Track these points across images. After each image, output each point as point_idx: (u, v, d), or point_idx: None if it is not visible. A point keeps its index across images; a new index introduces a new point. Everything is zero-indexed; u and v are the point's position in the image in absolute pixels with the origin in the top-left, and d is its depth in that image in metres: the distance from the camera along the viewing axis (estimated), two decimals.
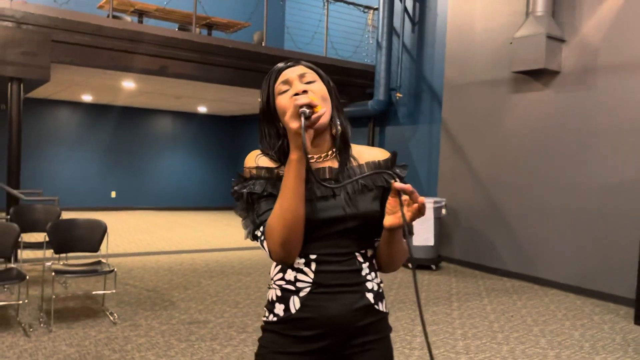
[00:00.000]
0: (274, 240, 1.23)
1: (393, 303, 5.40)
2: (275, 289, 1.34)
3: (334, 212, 1.29)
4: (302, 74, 1.37)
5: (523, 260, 6.77)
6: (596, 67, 6.05)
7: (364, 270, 1.35)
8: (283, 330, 1.31)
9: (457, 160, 7.75)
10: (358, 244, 1.34)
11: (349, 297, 1.30)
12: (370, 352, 1.34)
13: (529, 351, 4.16)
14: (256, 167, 1.33)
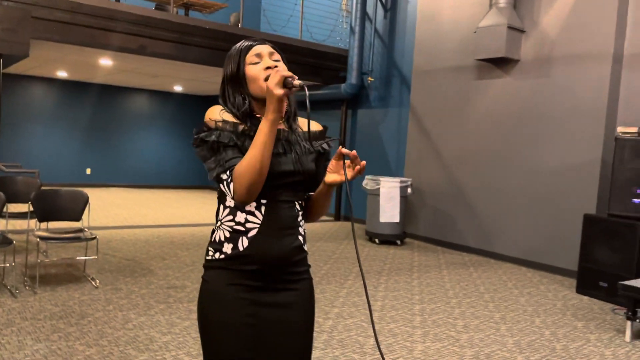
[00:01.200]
0: (242, 184, 1.45)
1: (359, 273, 5.80)
2: (223, 230, 1.58)
3: (287, 166, 1.57)
4: (271, 52, 1.65)
5: (482, 236, 7.25)
6: (552, 57, 6.49)
7: (299, 217, 1.63)
8: (230, 265, 1.55)
9: (423, 143, 8.16)
10: (297, 195, 1.62)
11: (288, 238, 1.58)
12: (302, 281, 1.64)
13: (478, 313, 4.61)
14: (222, 120, 1.56)
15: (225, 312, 1.54)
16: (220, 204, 1.63)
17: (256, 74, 1.58)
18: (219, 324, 1.55)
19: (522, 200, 6.76)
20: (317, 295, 4.81)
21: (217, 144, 1.52)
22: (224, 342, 1.55)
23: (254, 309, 1.55)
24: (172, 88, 12.92)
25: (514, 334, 4.13)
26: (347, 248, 7.24)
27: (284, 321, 1.58)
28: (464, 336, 4.02)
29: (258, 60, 1.60)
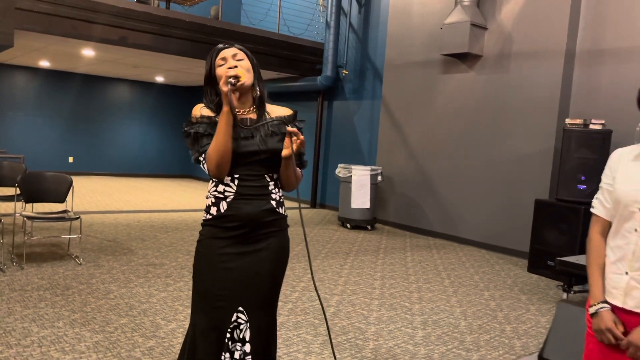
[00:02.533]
0: (212, 163, 1.91)
1: (329, 254, 6.21)
2: (210, 197, 2.02)
3: (252, 147, 1.97)
4: (235, 54, 2.04)
5: (446, 221, 7.71)
6: (511, 53, 6.93)
7: (270, 186, 2.04)
8: (216, 223, 1.99)
9: (394, 134, 8.57)
10: (266, 169, 2.03)
11: (258, 202, 2.00)
12: (272, 238, 2.05)
13: (432, 288, 5.05)
14: (200, 115, 2.01)
15: (209, 259, 1.99)
16: (210, 179, 2.05)
17: (220, 73, 1.97)
18: (204, 267, 2.00)
19: (482, 187, 7.21)
20: (287, 272, 5.20)
21: (196, 135, 1.98)
22: (204, 281, 1.99)
23: (231, 258, 1.98)
24: (154, 78, 13.15)
25: (462, 305, 4.57)
26: (320, 232, 7.64)
27: (254, 268, 2.00)
28: (416, 306, 4.44)
29: (223, 63, 2.00)
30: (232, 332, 1.98)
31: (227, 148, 1.89)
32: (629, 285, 1.70)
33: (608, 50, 6.24)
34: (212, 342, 1.96)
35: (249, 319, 1.98)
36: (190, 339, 2.02)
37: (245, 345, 1.98)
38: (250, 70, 2.03)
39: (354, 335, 3.69)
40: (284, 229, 2.10)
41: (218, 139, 1.89)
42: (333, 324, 3.88)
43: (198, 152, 1.98)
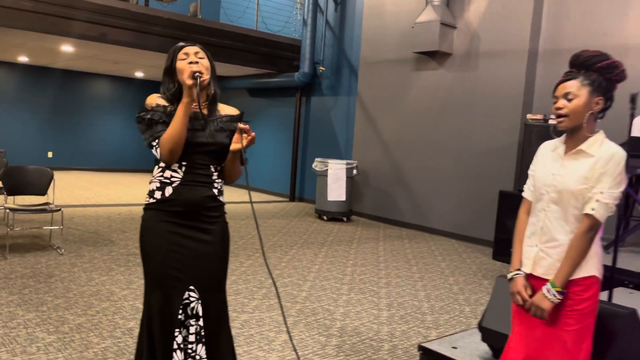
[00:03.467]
0: (165, 149, 2.07)
1: (304, 244, 6.47)
2: (155, 182, 2.18)
3: (202, 139, 2.16)
4: (197, 52, 2.23)
5: (418, 213, 8.02)
6: (478, 51, 7.24)
7: (213, 176, 2.22)
8: (160, 207, 2.15)
9: (369, 129, 8.85)
10: (212, 160, 2.21)
11: (201, 189, 2.17)
12: (215, 223, 2.22)
13: (400, 274, 5.34)
14: (156, 104, 2.17)
15: (157, 241, 2.14)
16: (156, 164, 2.22)
17: (182, 67, 2.15)
18: (153, 249, 2.15)
19: (451, 180, 7.53)
20: (262, 260, 5.45)
21: (150, 121, 2.13)
22: (155, 262, 2.14)
23: (178, 240, 2.13)
24: (133, 74, 13.24)
25: (427, 289, 4.86)
26: (297, 224, 7.89)
27: (200, 251, 2.16)
28: (383, 290, 4.73)
29: (185, 57, 2.18)
30: (184, 309, 2.14)
31: (182, 136, 2.06)
32: (538, 256, 1.99)
33: (568, 50, 6.56)
34: (166, 320, 2.13)
35: (200, 296, 2.15)
36: (146, 319, 2.19)
37: (199, 320, 2.15)
38: (209, 69, 2.20)
39: (323, 316, 3.95)
40: (223, 215, 2.29)
41: (175, 126, 2.04)
42: (304, 306, 4.13)
43: (152, 137, 2.12)
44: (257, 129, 11.43)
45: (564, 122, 1.96)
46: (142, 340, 2.21)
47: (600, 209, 1.88)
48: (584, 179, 1.90)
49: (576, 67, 1.97)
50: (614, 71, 1.94)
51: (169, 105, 2.16)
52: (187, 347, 2.15)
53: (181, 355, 2.14)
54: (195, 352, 2.15)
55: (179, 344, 2.14)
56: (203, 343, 2.17)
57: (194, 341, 2.15)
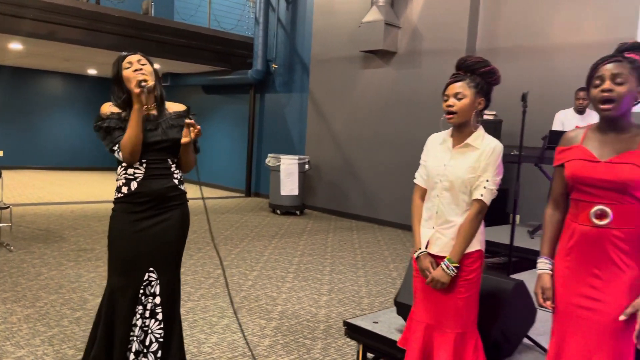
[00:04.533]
0: (126, 151, 2.34)
1: (256, 237, 6.69)
2: (121, 179, 2.44)
3: (156, 137, 2.42)
4: (139, 59, 2.46)
5: (367, 205, 8.34)
6: (421, 50, 7.60)
7: (172, 168, 2.48)
8: (128, 200, 2.42)
9: (321, 124, 9.12)
10: (168, 155, 2.47)
11: (162, 180, 2.44)
12: (175, 210, 2.49)
13: (344, 262, 5.63)
14: (110, 112, 2.43)
15: (123, 229, 2.41)
16: (119, 164, 2.47)
17: (128, 75, 2.37)
18: (119, 236, 2.41)
19: (397, 172, 7.88)
20: (213, 252, 5.65)
21: (108, 128, 2.38)
22: (120, 247, 2.41)
23: (141, 226, 2.39)
24: (86, 71, 13.12)
25: (367, 275, 5.17)
26: (251, 218, 8.10)
27: (160, 234, 2.43)
28: (326, 277, 5.00)
29: (129, 66, 2.40)
30: (144, 289, 2.41)
31: (139, 138, 2.33)
32: (434, 237, 2.28)
33: (504, 48, 7.00)
34: (129, 297, 2.39)
35: (159, 276, 2.43)
36: (107, 299, 2.43)
37: (155, 298, 2.42)
38: (152, 73, 2.44)
39: (266, 301, 4.19)
40: (184, 202, 2.55)
41: (131, 131, 2.31)
42: (248, 294, 4.36)
43: (112, 143, 2.39)
44: (212, 126, 11.60)
45: (454, 118, 2.26)
46: (99, 321, 2.43)
47: (487, 195, 2.19)
48: (471, 169, 2.20)
49: (462, 70, 2.27)
50: (493, 76, 2.25)
51: (122, 112, 2.40)
52: (142, 323, 2.41)
53: (137, 330, 2.39)
54: (149, 327, 2.41)
55: (136, 319, 2.39)
56: (156, 319, 2.42)
57: (148, 317, 2.41)
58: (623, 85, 1.77)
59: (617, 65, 1.79)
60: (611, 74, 1.78)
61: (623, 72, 1.78)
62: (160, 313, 2.43)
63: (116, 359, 2.38)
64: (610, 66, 1.80)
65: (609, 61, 1.82)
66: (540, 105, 6.34)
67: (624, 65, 1.79)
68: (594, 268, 1.83)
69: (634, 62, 1.82)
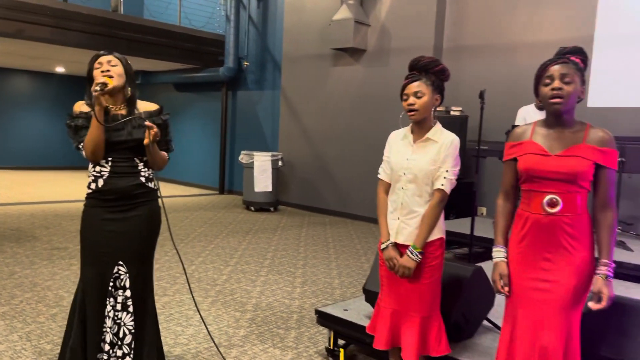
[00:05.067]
0: (88, 150, 2.41)
1: (230, 233, 6.77)
2: (91, 176, 2.51)
3: (121, 137, 2.48)
4: (109, 60, 2.53)
5: (339, 200, 8.50)
6: (390, 48, 7.77)
7: (139, 166, 2.54)
8: (96, 196, 2.49)
9: (293, 121, 9.23)
10: (134, 154, 2.52)
11: (129, 178, 2.50)
12: (143, 206, 2.55)
13: (318, 255, 5.76)
14: (79, 111, 2.50)
15: (92, 224, 2.48)
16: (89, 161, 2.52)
17: (95, 75, 2.44)
18: (88, 230, 2.49)
19: (368, 167, 8.03)
20: (187, 249, 5.72)
21: (75, 127, 2.46)
22: (90, 242, 2.48)
23: (109, 221, 2.47)
24: (54, 69, 12.93)
25: (340, 267, 5.31)
26: (225, 215, 8.17)
27: (127, 230, 2.50)
28: (299, 270, 5.13)
29: (99, 67, 2.47)
30: (114, 282, 2.48)
31: (99, 139, 2.39)
32: (400, 227, 2.43)
33: (469, 46, 7.22)
34: (98, 290, 2.46)
35: (128, 270, 2.50)
36: (81, 292, 2.50)
37: (126, 291, 2.49)
38: (123, 75, 2.50)
39: (240, 295, 4.30)
40: (154, 200, 2.61)
41: (91, 132, 2.38)
42: (223, 287, 4.46)
43: (77, 142, 2.47)
44: (184, 124, 11.60)
45: (416, 115, 2.41)
46: (74, 314, 2.50)
47: (447, 184, 2.35)
48: (432, 161, 2.36)
49: (417, 70, 2.43)
50: (444, 74, 2.42)
51: (90, 111, 2.44)
52: (114, 315, 2.48)
53: (109, 322, 2.47)
54: (120, 319, 2.49)
55: (108, 311, 2.47)
56: (128, 311, 2.50)
57: (120, 309, 2.49)
58: (570, 84, 1.95)
59: (564, 66, 1.97)
60: (560, 74, 1.96)
61: (569, 72, 1.96)
62: (132, 306, 2.50)
63: (91, 351, 2.46)
64: (558, 67, 1.98)
65: (557, 62, 2.00)
66: (505, 101, 6.58)
67: (569, 66, 1.98)
68: (545, 252, 2.00)
69: (577, 64, 2.00)
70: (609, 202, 1.97)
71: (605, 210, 1.96)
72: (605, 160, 1.93)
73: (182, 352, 3.16)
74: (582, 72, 2.02)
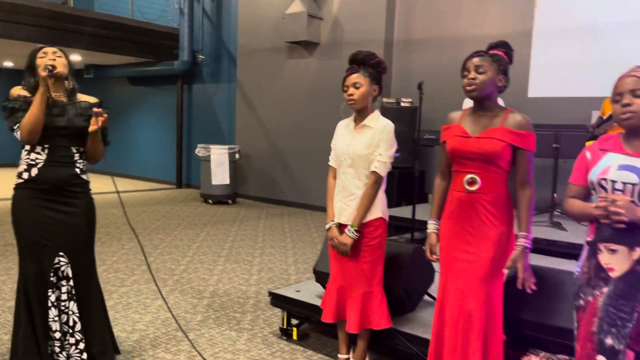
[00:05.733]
0: (24, 130, 2.40)
1: (188, 226, 6.83)
2: (23, 164, 2.51)
3: (61, 123, 2.52)
4: (55, 51, 2.59)
5: (297, 191, 8.66)
6: (342, 41, 7.96)
7: (75, 157, 2.59)
8: (30, 186, 2.49)
9: (250, 114, 9.31)
10: (72, 142, 2.57)
11: (65, 168, 2.54)
12: (80, 198, 2.61)
13: (275, 245, 5.91)
14: (18, 95, 2.52)
15: (27, 215, 2.49)
16: (22, 149, 2.55)
17: (40, 62, 2.50)
18: (24, 222, 2.50)
19: (323, 158, 8.21)
20: (145, 242, 5.76)
21: (12, 109, 2.49)
22: (27, 234, 2.49)
23: (46, 212, 2.50)
24: (2, 63, 12.56)
25: (296, 255, 5.48)
26: (182, 208, 8.20)
27: (66, 222, 2.54)
28: (257, 259, 5.27)
29: (44, 56, 2.53)
30: (56, 272, 2.53)
31: (39, 119, 2.40)
32: (341, 208, 2.61)
33: (419, 39, 7.48)
34: (40, 282, 2.50)
35: (70, 260, 2.55)
36: (22, 285, 2.54)
37: (70, 281, 2.56)
38: (67, 66, 2.58)
39: (198, 283, 4.41)
40: (88, 191, 2.67)
41: (32, 111, 2.39)
42: (181, 277, 4.56)
43: (13, 122, 2.46)
44: (140, 118, 11.50)
45: (354, 104, 2.60)
46: (20, 306, 2.55)
47: (381, 167, 2.54)
48: (367, 146, 2.55)
49: (356, 63, 2.62)
50: (381, 66, 2.62)
51: (30, 96, 2.50)
52: (60, 305, 2.54)
53: (55, 311, 2.53)
54: (68, 308, 2.55)
55: (52, 302, 2.52)
56: (74, 300, 2.57)
57: (66, 299, 2.55)
58: (484, 74, 2.17)
59: (480, 59, 2.19)
60: (475, 66, 2.18)
61: (484, 64, 2.17)
62: (77, 295, 2.57)
63: (41, 340, 2.52)
64: (475, 60, 2.20)
65: (474, 56, 2.21)
66: (452, 92, 6.85)
67: (485, 58, 2.19)
68: (468, 227, 2.22)
69: (494, 56, 2.22)
70: (527, 180, 2.19)
71: (524, 188, 2.19)
72: (521, 142, 2.16)
73: (140, 337, 3.27)
74: (501, 63, 2.23)
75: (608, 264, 1.88)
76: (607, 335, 1.88)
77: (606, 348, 1.87)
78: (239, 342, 3.24)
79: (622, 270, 1.85)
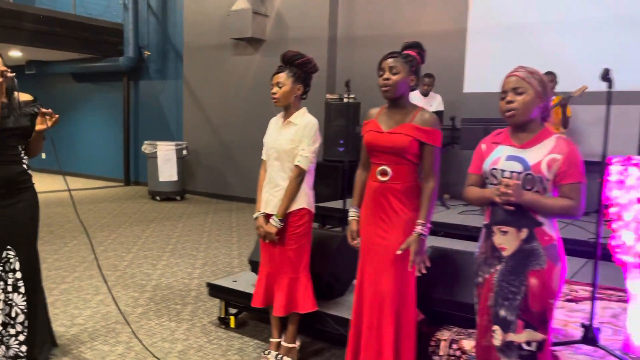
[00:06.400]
0: None
1: (134, 222, 6.83)
2: None
3: (9, 124, 2.61)
4: None
5: (245, 186, 8.75)
6: (288, 38, 8.09)
7: (21, 154, 2.69)
8: None
9: (197, 110, 9.32)
10: (18, 141, 2.66)
11: (14, 166, 2.64)
12: (26, 193, 2.70)
13: (221, 239, 6.01)
14: None
15: None
16: None
17: None
18: None
19: None
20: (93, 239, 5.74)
21: None
22: None
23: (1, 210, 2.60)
24: None
25: (241, 248, 5.60)
26: (129, 205, 8.16)
27: (14, 216, 2.65)
28: (201, 254, 5.36)
29: None
30: (4, 266, 2.63)
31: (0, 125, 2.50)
32: (268, 199, 2.77)
33: (362, 37, 7.70)
34: None
35: (17, 254, 2.65)
36: None
37: (16, 273, 2.65)
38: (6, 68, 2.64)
39: (140, 278, 4.47)
40: (32, 186, 2.77)
41: None
42: (124, 272, 4.61)
43: None
44: (85, 115, 11.30)
45: (277, 102, 2.76)
46: None
47: (304, 161, 2.71)
48: (291, 141, 2.71)
49: (284, 62, 2.77)
50: (308, 65, 2.77)
51: None
52: (5, 297, 2.63)
53: (0, 304, 2.60)
54: (12, 300, 2.65)
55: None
56: (19, 292, 2.66)
57: (11, 291, 2.65)
58: (397, 74, 2.35)
59: (393, 60, 2.37)
60: (389, 67, 2.36)
61: (397, 65, 2.35)
62: (23, 287, 2.66)
63: None
64: (389, 61, 2.38)
65: (389, 57, 2.39)
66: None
67: (398, 59, 2.37)
68: (382, 214, 2.40)
69: (407, 57, 2.41)
70: (431, 173, 2.38)
71: (428, 180, 2.39)
72: (427, 138, 2.36)
73: (79, 331, 3.33)
74: (413, 64, 2.43)
75: (501, 244, 2.10)
76: (501, 308, 2.10)
77: (500, 319, 2.09)
78: (178, 331, 3.35)
79: (512, 249, 2.08)
